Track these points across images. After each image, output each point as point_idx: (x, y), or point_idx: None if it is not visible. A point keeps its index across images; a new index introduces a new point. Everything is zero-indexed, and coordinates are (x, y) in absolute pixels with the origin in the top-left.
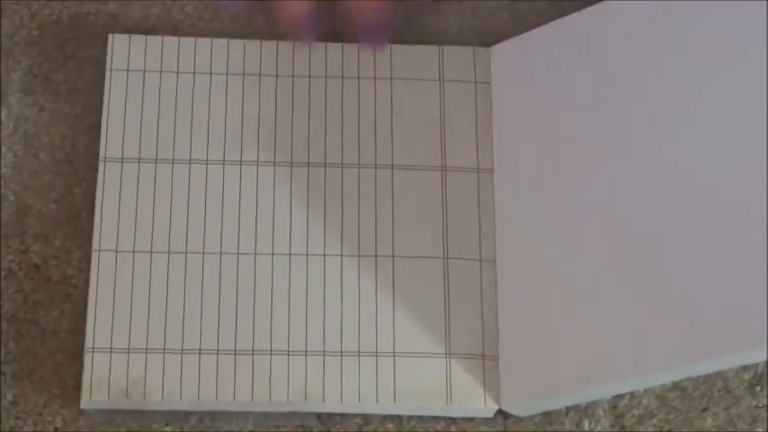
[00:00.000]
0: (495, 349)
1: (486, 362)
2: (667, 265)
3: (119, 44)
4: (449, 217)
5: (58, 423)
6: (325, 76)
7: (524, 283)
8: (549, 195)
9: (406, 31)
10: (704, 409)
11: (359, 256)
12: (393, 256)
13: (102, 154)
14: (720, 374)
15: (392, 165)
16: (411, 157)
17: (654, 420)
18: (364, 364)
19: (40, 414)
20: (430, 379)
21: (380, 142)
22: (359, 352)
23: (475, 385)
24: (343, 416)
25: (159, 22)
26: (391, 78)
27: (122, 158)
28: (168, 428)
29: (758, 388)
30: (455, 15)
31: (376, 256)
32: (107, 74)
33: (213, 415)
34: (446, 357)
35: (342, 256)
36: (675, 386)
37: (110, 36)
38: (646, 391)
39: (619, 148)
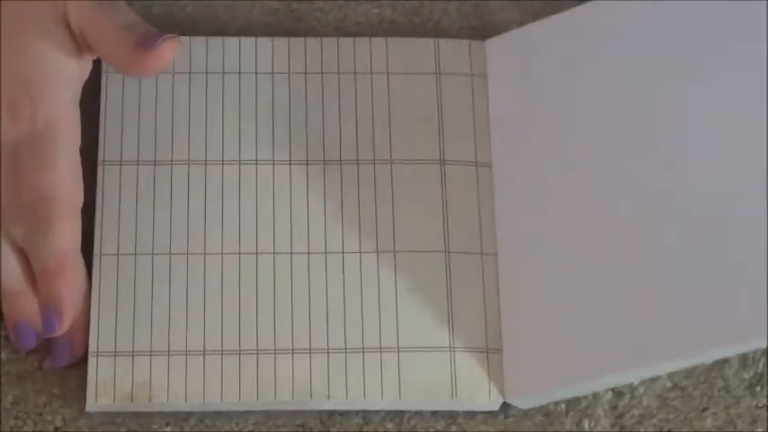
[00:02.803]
0: (499, 342)
1: (489, 355)
2: (669, 255)
3: None
4: (449, 211)
5: (58, 423)
6: (321, 73)
7: (525, 276)
8: (548, 188)
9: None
10: (704, 409)
11: (360, 252)
12: (395, 251)
13: (100, 157)
14: (720, 374)
15: (391, 159)
16: (409, 152)
17: (654, 420)
18: (369, 361)
19: (40, 414)
20: (434, 373)
21: (378, 137)
22: (363, 348)
23: (479, 379)
24: (344, 416)
25: (159, 22)
26: (388, 73)
27: (121, 161)
28: (168, 428)
29: (758, 388)
30: (456, 15)
31: (377, 251)
32: (102, 76)
33: (214, 415)
34: (450, 351)
35: (343, 253)
36: (675, 386)
37: None
38: (646, 390)
39: (618, 140)
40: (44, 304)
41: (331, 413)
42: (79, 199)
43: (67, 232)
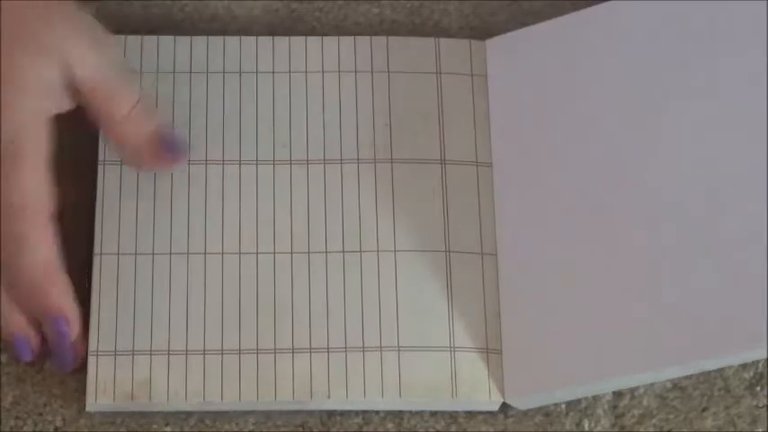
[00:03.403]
0: (499, 342)
1: (489, 355)
2: (670, 256)
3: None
4: (449, 211)
5: (58, 423)
6: (322, 72)
7: (525, 276)
8: (548, 188)
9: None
10: (704, 409)
11: (360, 251)
12: (395, 250)
13: (100, 157)
14: (720, 374)
15: (391, 159)
16: (410, 151)
17: (654, 420)
18: (369, 360)
19: (40, 414)
20: (435, 373)
21: (379, 136)
22: (363, 347)
23: (479, 378)
24: (344, 416)
25: (159, 22)
26: (388, 72)
27: (121, 161)
28: (168, 428)
29: (758, 388)
30: (456, 15)
31: (377, 251)
32: None
33: (214, 414)
34: (450, 351)
35: (343, 252)
36: (675, 386)
37: None
38: (646, 390)
39: (617, 140)
40: (48, 316)
41: (331, 413)
42: (50, 206)
43: (45, 241)
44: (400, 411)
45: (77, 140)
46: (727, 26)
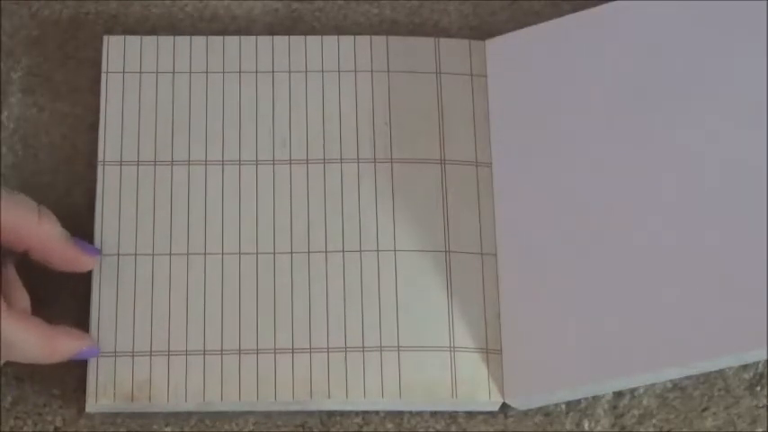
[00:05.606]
0: (499, 342)
1: (489, 355)
2: (669, 256)
3: (114, 46)
4: (449, 210)
5: (58, 423)
6: (322, 71)
7: (525, 276)
8: (548, 188)
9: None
10: (704, 409)
11: (360, 251)
12: (395, 251)
13: (100, 157)
14: (720, 374)
15: (391, 159)
16: (410, 151)
17: (654, 420)
18: (369, 360)
19: (40, 414)
20: (435, 373)
21: (379, 136)
22: (363, 347)
23: (480, 379)
24: (344, 416)
25: (159, 22)
26: (388, 71)
27: (121, 161)
28: (168, 429)
29: (758, 388)
30: (456, 15)
31: (378, 250)
32: (103, 77)
33: (214, 415)
34: (450, 351)
35: (343, 252)
36: (675, 386)
37: (104, 38)
38: (646, 390)
39: (617, 140)
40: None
41: (331, 413)
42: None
43: (25, 332)
44: (400, 411)
45: (77, 140)
46: (728, 26)
